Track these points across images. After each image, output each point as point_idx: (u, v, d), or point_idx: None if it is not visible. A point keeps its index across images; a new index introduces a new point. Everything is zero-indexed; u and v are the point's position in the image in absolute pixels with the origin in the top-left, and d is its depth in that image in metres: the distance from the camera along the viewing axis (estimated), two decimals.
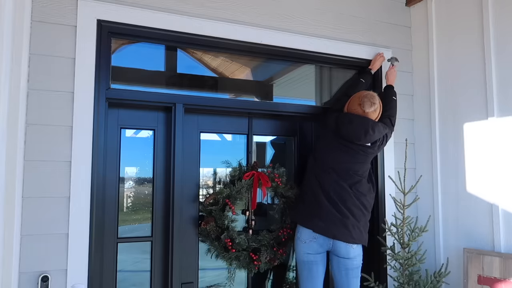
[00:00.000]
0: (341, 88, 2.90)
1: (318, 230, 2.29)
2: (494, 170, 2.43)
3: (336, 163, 2.36)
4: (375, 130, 2.34)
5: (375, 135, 2.34)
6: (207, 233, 2.40)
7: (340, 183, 2.33)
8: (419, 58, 2.96)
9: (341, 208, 2.30)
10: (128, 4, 2.22)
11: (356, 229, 2.30)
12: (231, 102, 2.67)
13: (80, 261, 2.02)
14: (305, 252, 2.31)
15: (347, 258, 2.29)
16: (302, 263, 2.35)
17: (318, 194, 2.33)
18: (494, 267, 2.34)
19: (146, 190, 2.46)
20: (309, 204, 2.36)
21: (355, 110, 2.37)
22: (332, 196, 2.31)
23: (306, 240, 2.31)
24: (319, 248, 2.31)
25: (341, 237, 2.27)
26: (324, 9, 2.74)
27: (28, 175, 1.97)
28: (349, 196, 2.32)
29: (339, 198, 2.31)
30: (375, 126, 2.34)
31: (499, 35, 2.44)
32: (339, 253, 2.30)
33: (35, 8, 2.04)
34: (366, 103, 2.34)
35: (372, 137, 2.34)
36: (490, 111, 2.46)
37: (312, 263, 2.32)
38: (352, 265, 2.31)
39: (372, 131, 2.32)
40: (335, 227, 2.28)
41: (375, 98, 2.37)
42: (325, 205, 2.30)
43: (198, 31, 2.37)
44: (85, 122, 2.08)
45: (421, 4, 2.96)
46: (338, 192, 2.32)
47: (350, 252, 2.29)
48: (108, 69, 2.21)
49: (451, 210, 2.69)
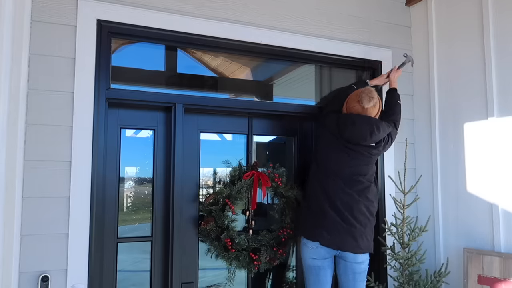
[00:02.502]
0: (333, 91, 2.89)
1: (324, 242, 2.22)
2: (494, 170, 2.43)
3: (340, 168, 2.28)
4: (380, 129, 2.26)
5: (380, 134, 2.27)
6: (207, 233, 2.40)
7: (346, 190, 2.25)
8: (419, 58, 2.96)
9: (347, 217, 2.22)
10: (128, 4, 2.22)
11: (364, 238, 2.24)
12: (231, 102, 2.66)
13: (80, 261, 2.02)
14: (312, 258, 2.26)
15: (355, 263, 2.24)
16: (309, 267, 2.29)
17: (323, 203, 2.25)
18: (494, 267, 2.34)
19: (146, 190, 2.46)
20: (314, 214, 2.29)
21: (353, 108, 2.30)
22: (338, 204, 2.23)
23: (313, 246, 2.25)
24: (326, 254, 2.25)
25: (349, 248, 2.22)
26: (324, 9, 2.74)
27: (28, 175, 1.97)
28: (356, 204, 2.24)
29: (345, 206, 2.23)
30: (380, 125, 2.27)
31: (499, 35, 2.44)
32: (346, 258, 2.25)
33: (35, 8, 2.04)
34: (364, 99, 2.25)
35: (377, 136, 2.27)
36: (490, 111, 2.46)
37: (320, 268, 2.26)
38: (360, 269, 2.26)
39: (377, 131, 2.25)
40: (342, 238, 2.21)
41: (372, 92, 2.29)
42: (330, 215, 2.23)
43: (198, 31, 2.37)
44: (85, 122, 2.08)
45: (421, 4, 2.96)
46: (344, 200, 2.24)
47: (358, 257, 2.24)
48: (108, 69, 2.21)
49: (451, 210, 2.69)
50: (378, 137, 2.28)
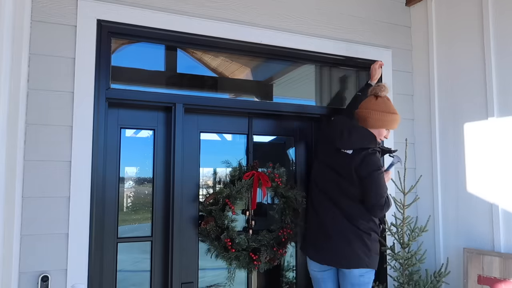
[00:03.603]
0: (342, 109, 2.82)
1: (311, 256, 2.24)
2: (494, 170, 2.43)
3: (324, 180, 2.22)
4: (352, 132, 2.12)
5: (352, 139, 2.12)
6: (207, 233, 2.39)
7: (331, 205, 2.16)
8: (419, 58, 2.96)
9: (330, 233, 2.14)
10: (128, 4, 2.22)
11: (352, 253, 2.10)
12: (231, 102, 2.67)
13: (80, 261, 2.02)
14: (312, 269, 2.27)
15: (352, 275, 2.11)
16: (312, 278, 2.31)
17: (312, 216, 2.26)
18: (494, 267, 2.34)
19: (146, 190, 2.46)
20: (307, 226, 2.33)
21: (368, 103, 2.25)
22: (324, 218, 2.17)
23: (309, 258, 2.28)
24: (323, 266, 2.21)
25: (333, 263, 2.15)
26: (324, 9, 2.74)
27: (28, 175, 1.97)
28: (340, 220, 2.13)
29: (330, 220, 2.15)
30: (354, 129, 2.14)
31: (499, 35, 2.44)
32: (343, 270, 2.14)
33: (35, 8, 2.04)
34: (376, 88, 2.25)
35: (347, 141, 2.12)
36: (490, 111, 2.46)
37: (319, 280, 2.24)
38: (359, 282, 2.11)
39: (347, 133, 2.12)
40: (326, 253, 2.15)
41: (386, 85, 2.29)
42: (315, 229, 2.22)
43: (198, 31, 2.37)
44: (85, 122, 2.08)
45: (421, 4, 2.96)
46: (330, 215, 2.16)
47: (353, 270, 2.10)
48: (108, 69, 2.21)
49: (451, 210, 2.69)
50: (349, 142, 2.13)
